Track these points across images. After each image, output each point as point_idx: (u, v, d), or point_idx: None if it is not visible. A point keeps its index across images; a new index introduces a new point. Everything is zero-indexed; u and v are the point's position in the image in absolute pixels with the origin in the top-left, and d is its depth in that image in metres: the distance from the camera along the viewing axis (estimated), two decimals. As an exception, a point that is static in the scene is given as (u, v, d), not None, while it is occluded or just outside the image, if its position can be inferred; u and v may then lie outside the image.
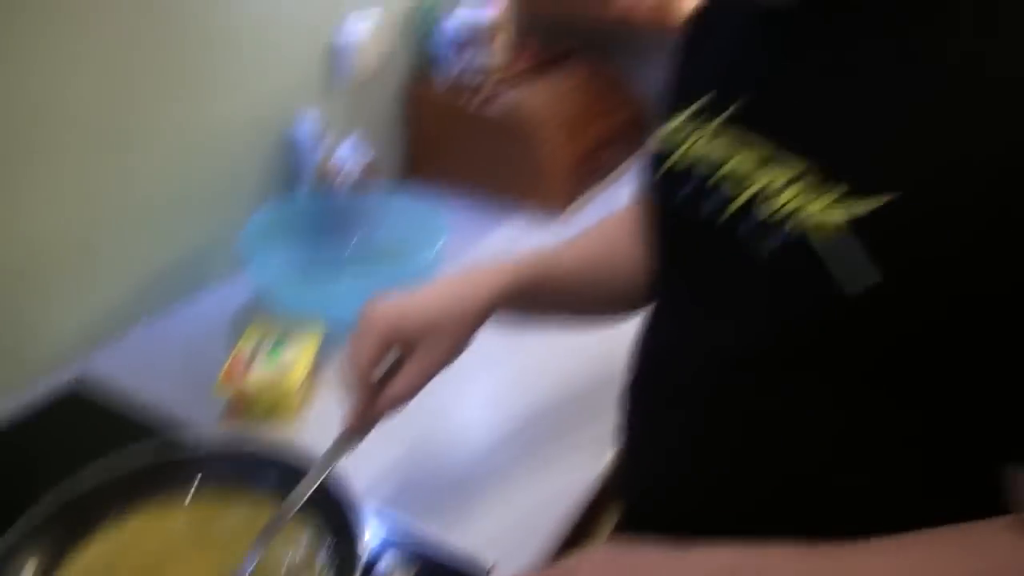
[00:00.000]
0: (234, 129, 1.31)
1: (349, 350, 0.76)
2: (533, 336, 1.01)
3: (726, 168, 0.63)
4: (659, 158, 0.72)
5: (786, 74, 0.62)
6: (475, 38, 1.58)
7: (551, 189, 1.56)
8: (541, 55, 1.75)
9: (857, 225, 0.53)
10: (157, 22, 1.16)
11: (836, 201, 0.55)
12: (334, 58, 1.44)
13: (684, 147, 0.68)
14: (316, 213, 1.33)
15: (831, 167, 0.56)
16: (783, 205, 0.58)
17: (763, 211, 0.59)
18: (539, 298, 0.84)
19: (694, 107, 0.69)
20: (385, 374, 0.77)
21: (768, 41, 0.65)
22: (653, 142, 0.75)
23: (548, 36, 1.90)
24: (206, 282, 1.31)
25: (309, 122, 1.37)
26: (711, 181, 0.64)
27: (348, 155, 1.39)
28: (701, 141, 0.67)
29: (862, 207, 0.53)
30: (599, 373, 1.09)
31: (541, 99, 1.62)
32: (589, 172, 1.63)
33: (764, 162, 0.60)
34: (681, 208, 0.68)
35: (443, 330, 0.76)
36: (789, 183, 0.58)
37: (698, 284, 0.68)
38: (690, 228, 0.67)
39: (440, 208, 1.31)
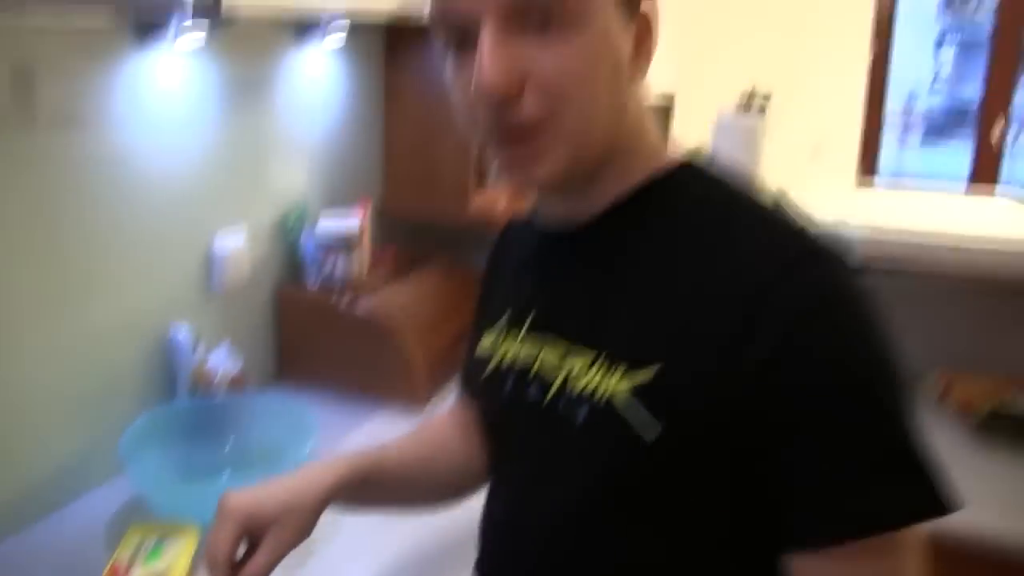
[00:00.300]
0: (112, 337, 1.36)
1: (208, 539, 0.82)
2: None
3: (537, 364, 0.82)
4: (481, 365, 0.90)
5: (569, 283, 0.82)
6: (340, 245, 1.70)
7: (413, 385, 1.67)
8: (401, 259, 1.90)
9: (636, 391, 0.72)
10: (40, 234, 1.22)
11: (622, 375, 0.73)
12: (208, 268, 1.53)
13: (500, 354, 0.87)
14: (192, 417, 1.38)
15: (612, 352, 0.75)
16: (587, 384, 0.75)
17: (573, 390, 0.76)
18: (373, 488, 0.93)
19: (501, 322, 0.89)
20: (240, 560, 0.83)
21: (555, 257, 0.85)
22: (472, 355, 0.94)
23: (408, 240, 2.07)
24: (86, 487, 1.33)
25: (185, 330, 1.45)
26: (530, 375, 0.82)
27: (222, 360, 1.46)
28: (513, 348, 0.85)
29: (639, 378, 0.72)
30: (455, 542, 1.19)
31: (402, 300, 1.75)
32: (448, 367, 1.76)
33: (564, 355, 0.79)
34: (509, 399, 0.84)
35: (291, 516, 0.84)
36: (587, 367, 0.76)
37: (529, 458, 0.83)
38: (519, 412, 0.83)
39: (310, 408, 1.39)
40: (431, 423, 1.07)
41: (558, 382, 0.78)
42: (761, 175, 1.91)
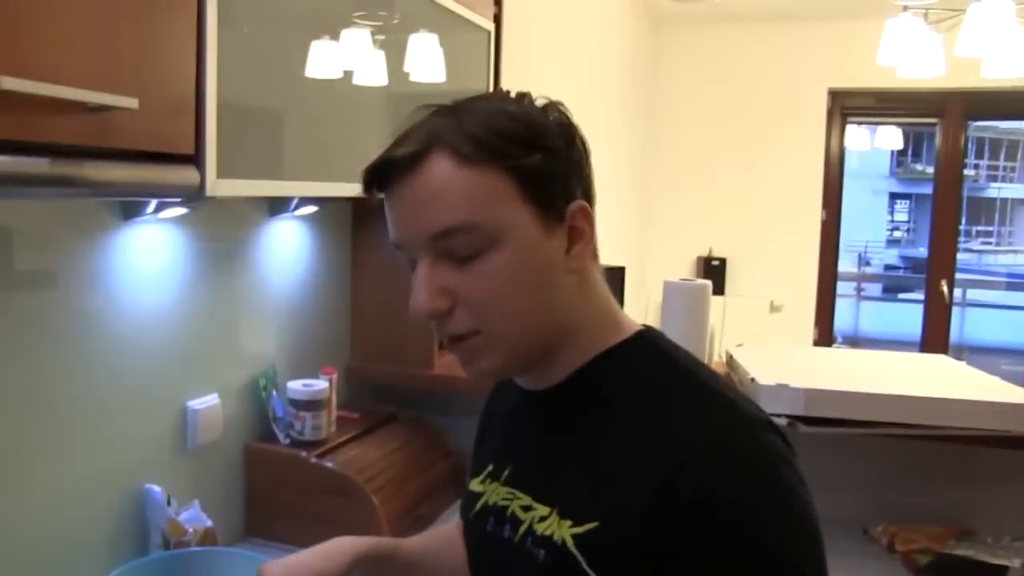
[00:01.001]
0: (85, 495, 1.40)
1: None
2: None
3: (511, 508, 0.94)
4: (472, 503, 1.03)
5: (532, 445, 0.97)
6: (308, 405, 1.77)
7: (379, 540, 1.71)
8: (368, 418, 1.97)
9: (578, 542, 0.84)
10: (15, 391, 1.28)
11: (570, 527, 0.85)
12: (181, 427, 1.59)
13: (485, 497, 1.00)
14: (164, 572, 1.40)
15: (561, 510, 0.87)
16: (546, 529, 0.88)
17: (537, 532, 0.89)
18: (389, 568, 1.09)
19: (486, 471, 1.03)
20: None
21: (525, 419, 1.00)
22: (468, 492, 1.08)
23: (375, 400, 2.14)
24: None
25: (157, 487, 1.50)
26: (506, 515, 0.95)
27: (194, 516, 1.50)
28: (494, 493, 0.99)
29: (581, 532, 0.84)
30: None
31: (369, 458, 1.80)
32: (413, 523, 1.79)
33: (530, 506, 0.92)
34: (490, 534, 0.97)
35: None
36: (545, 518, 0.89)
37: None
38: (497, 546, 0.95)
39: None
40: (445, 527, 1.24)
41: (525, 525, 0.91)
42: (709, 339, 2.01)
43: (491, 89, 2.05)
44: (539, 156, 0.85)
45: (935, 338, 4.65)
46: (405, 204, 0.86)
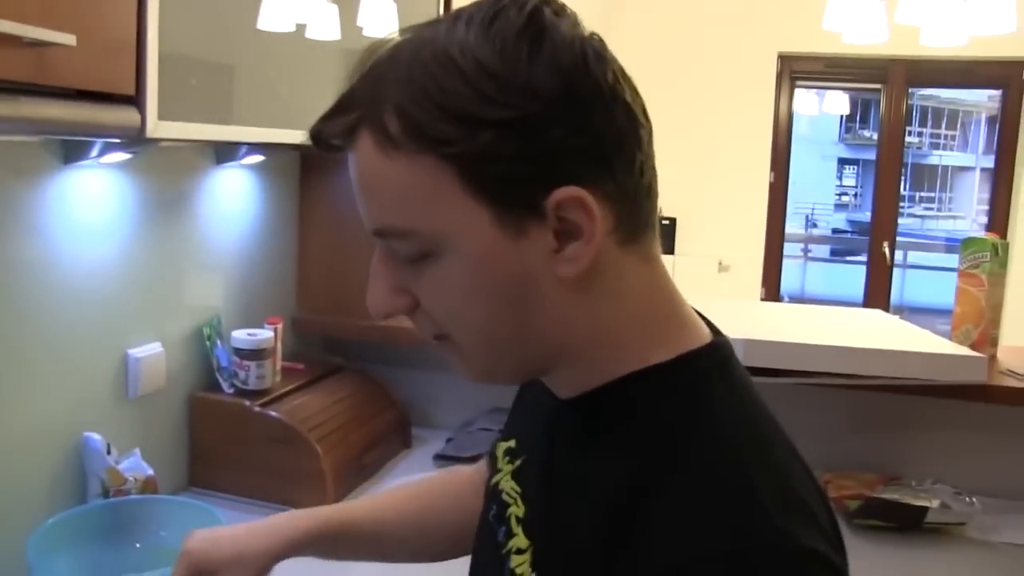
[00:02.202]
0: (22, 443, 1.39)
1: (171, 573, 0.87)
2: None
3: (509, 511, 0.77)
4: (492, 467, 0.87)
5: (545, 450, 0.75)
6: (253, 355, 1.77)
7: (323, 491, 1.72)
8: (313, 369, 1.97)
9: None
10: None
11: None
12: (123, 376, 1.58)
13: (501, 474, 0.83)
14: (103, 519, 1.40)
15: (538, 557, 0.71)
16: (519, 565, 0.72)
17: (513, 563, 0.73)
18: (345, 544, 0.95)
19: (507, 445, 0.85)
20: None
21: (546, 416, 0.77)
22: (494, 444, 0.91)
23: (320, 352, 2.15)
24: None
25: (97, 435, 1.49)
26: (504, 515, 0.78)
27: (134, 465, 1.50)
28: (507, 477, 0.81)
29: None
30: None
31: (313, 408, 1.81)
32: (356, 472, 1.81)
33: (521, 521, 0.75)
34: (491, 524, 0.81)
35: (244, 561, 0.88)
36: (523, 551, 0.72)
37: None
38: (491, 542, 0.79)
39: (220, 512, 1.42)
40: (433, 482, 1.07)
41: (511, 543, 0.75)
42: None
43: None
44: (490, 134, 0.61)
45: (877, 298, 4.76)
46: (352, 183, 0.69)
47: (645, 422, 0.67)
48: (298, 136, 1.43)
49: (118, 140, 1.29)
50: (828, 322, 2.07)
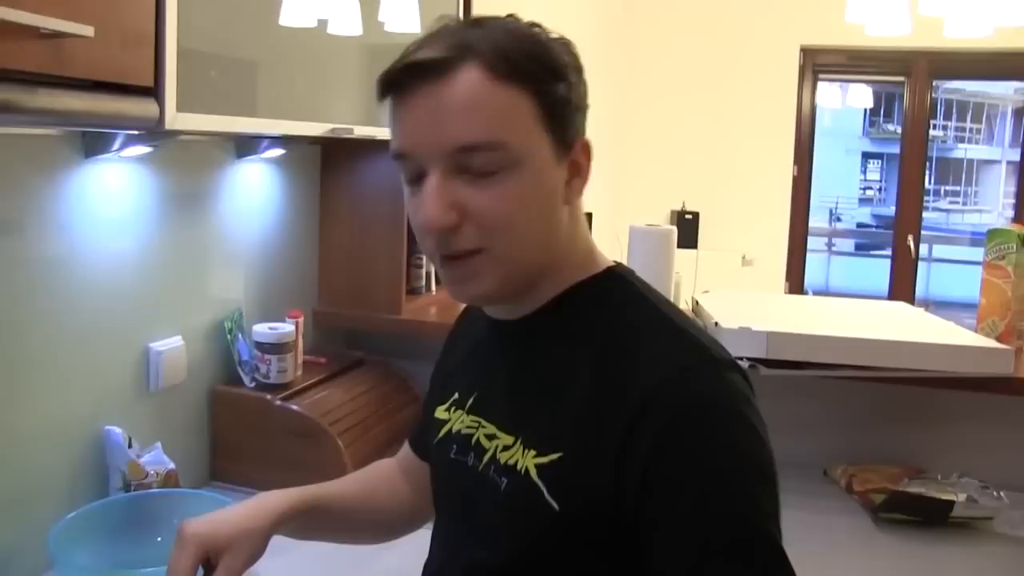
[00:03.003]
0: (45, 437, 1.40)
1: (170, 564, 0.92)
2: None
3: (475, 437, 0.95)
4: (434, 431, 1.04)
5: (500, 374, 0.97)
6: (275, 348, 1.77)
7: (346, 483, 1.72)
8: (335, 362, 1.98)
9: (539, 471, 0.86)
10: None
11: (533, 457, 0.87)
12: (144, 369, 1.59)
13: (449, 424, 1.01)
14: (124, 513, 1.40)
15: (526, 439, 0.89)
16: (510, 457, 0.89)
17: (500, 460, 0.90)
18: (317, 520, 1.06)
19: (451, 399, 1.03)
20: None
21: (492, 349, 1.00)
22: (426, 419, 1.09)
23: (342, 345, 2.15)
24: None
25: (118, 428, 1.50)
26: (470, 444, 0.96)
27: (156, 458, 1.51)
28: (459, 421, 1.00)
29: (544, 461, 0.86)
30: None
31: (334, 401, 1.81)
32: (380, 465, 1.81)
33: (493, 436, 0.93)
34: (453, 461, 0.98)
35: (244, 540, 0.95)
36: (509, 447, 0.90)
37: (463, 512, 0.97)
38: (459, 473, 0.96)
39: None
40: (374, 467, 1.23)
41: (489, 453, 0.92)
42: (675, 285, 2.03)
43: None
44: (564, 85, 0.86)
45: (901, 292, 4.71)
46: (426, 112, 0.83)
47: (599, 311, 0.91)
48: (318, 128, 1.44)
49: (137, 132, 1.30)
50: (851, 315, 2.05)
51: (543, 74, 0.84)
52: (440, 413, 1.05)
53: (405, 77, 0.83)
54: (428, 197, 0.83)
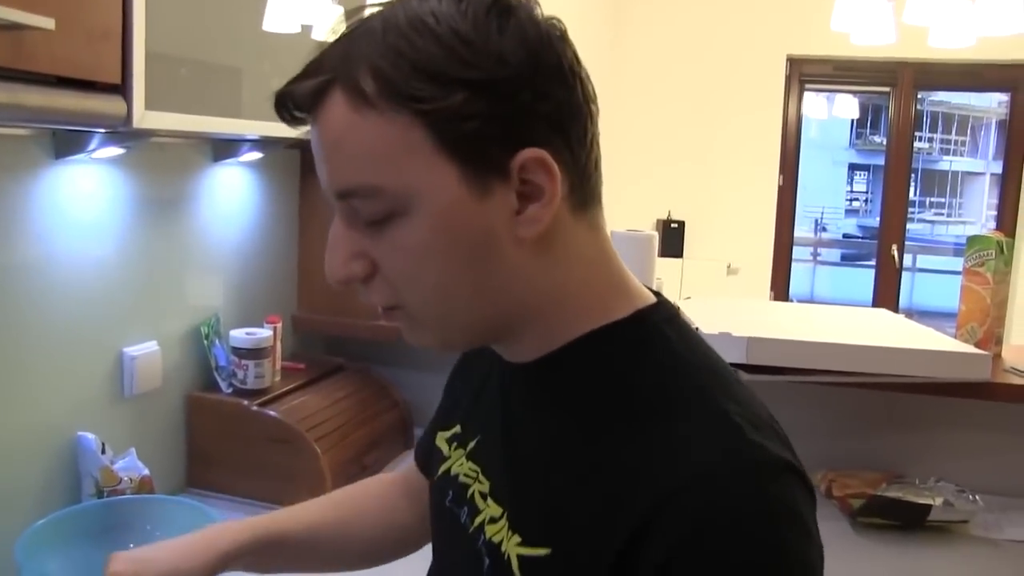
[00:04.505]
0: (15, 441, 1.39)
1: None
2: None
3: (471, 491, 0.80)
4: (438, 461, 0.89)
5: (502, 423, 0.79)
6: (252, 354, 1.76)
7: (322, 491, 1.70)
8: (313, 368, 1.96)
9: (522, 564, 0.71)
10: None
11: (517, 545, 0.71)
12: (118, 374, 1.57)
13: (449, 463, 0.86)
14: (95, 519, 1.38)
15: (513, 518, 0.73)
16: (495, 534, 0.74)
17: (486, 534, 0.75)
18: (278, 553, 0.94)
19: (453, 431, 0.88)
20: None
21: (500, 388, 0.81)
22: (430, 440, 0.93)
23: (320, 351, 2.13)
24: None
25: (91, 434, 1.48)
26: (466, 496, 0.80)
27: (130, 464, 1.49)
28: (458, 464, 0.84)
29: (529, 552, 0.70)
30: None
31: (312, 407, 1.80)
32: (357, 473, 1.80)
33: (487, 495, 0.78)
34: (449, 509, 0.83)
35: None
36: (496, 519, 0.75)
37: (453, 568, 0.85)
38: (454, 526, 0.82)
39: (217, 513, 1.41)
40: (362, 486, 1.08)
41: (479, 519, 0.77)
42: (657, 286, 2.03)
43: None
44: (462, 95, 0.64)
45: (886, 301, 4.72)
46: (313, 148, 0.71)
47: (611, 373, 0.72)
48: (291, 131, 1.42)
49: (107, 131, 1.28)
50: (831, 320, 2.04)
51: (429, 87, 0.64)
52: (440, 441, 0.90)
53: (283, 113, 0.70)
54: (329, 245, 0.71)
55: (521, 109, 0.66)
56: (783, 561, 0.62)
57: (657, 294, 0.79)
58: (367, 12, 0.69)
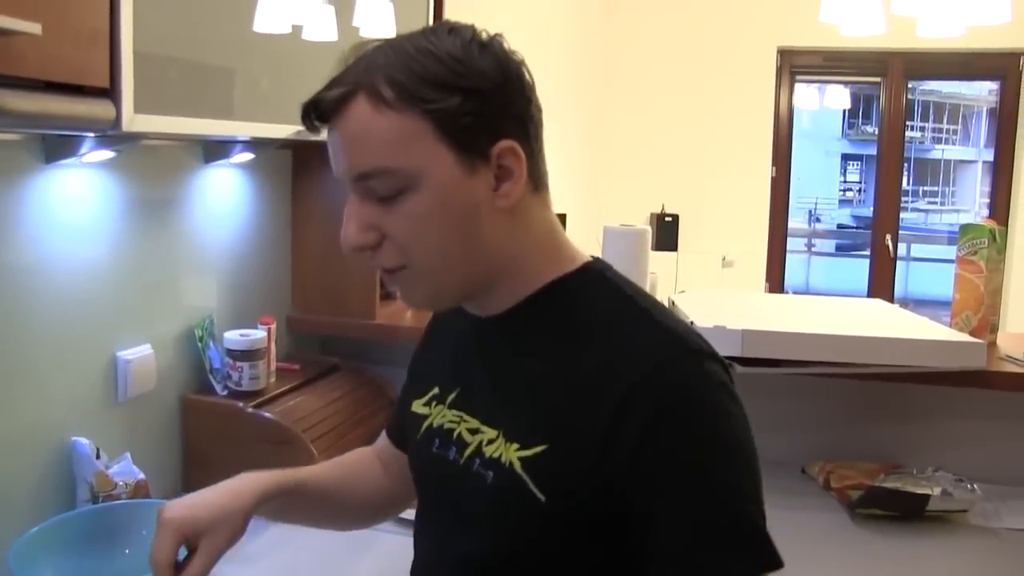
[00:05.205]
0: (8, 447, 1.38)
1: (151, 547, 0.93)
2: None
3: (456, 432, 0.98)
4: (416, 425, 1.05)
5: (481, 369, 0.98)
6: (247, 355, 1.75)
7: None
8: (309, 369, 1.96)
9: (524, 464, 0.88)
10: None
11: (516, 451, 0.89)
12: (112, 378, 1.56)
13: (430, 419, 1.03)
14: (90, 525, 1.38)
15: (509, 432, 0.91)
16: (494, 451, 0.91)
17: (485, 454, 0.92)
18: (295, 503, 1.09)
19: (431, 393, 1.05)
20: (181, 563, 0.94)
21: (472, 344, 1.01)
22: (404, 412, 1.11)
23: (316, 351, 2.13)
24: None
25: (85, 439, 1.47)
26: (452, 438, 0.98)
27: (125, 469, 1.49)
28: (440, 416, 1.02)
29: (528, 453, 0.89)
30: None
31: (308, 408, 1.79)
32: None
33: (476, 430, 0.95)
34: (434, 456, 1.00)
35: (223, 522, 0.96)
36: (493, 440, 0.92)
37: (451, 507, 0.98)
38: (442, 468, 0.98)
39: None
40: (353, 454, 1.25)
41: (472, 447, 0.95)
42: (650, 286, 2.03)
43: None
44: (459, 99, 0.86)
45: (881, 291, 4.73)
46: (332, 145, 0.90)
47: (573, 306, 0.93)
48: (283, 131, 1.43)
49: (97, 135, 1.28)
50: (826, 312, 2.04)
51: (434, 92, 0.86)
52: (418, 407, 1.06)
53: (315, 114, 0.89)
54: (345, 219, 0.91)
55: (498, 111, 0.89)
56: (720, 409, 0.85)
57: (593, 256, 1.01)
58: (371, 46, 0.90)
